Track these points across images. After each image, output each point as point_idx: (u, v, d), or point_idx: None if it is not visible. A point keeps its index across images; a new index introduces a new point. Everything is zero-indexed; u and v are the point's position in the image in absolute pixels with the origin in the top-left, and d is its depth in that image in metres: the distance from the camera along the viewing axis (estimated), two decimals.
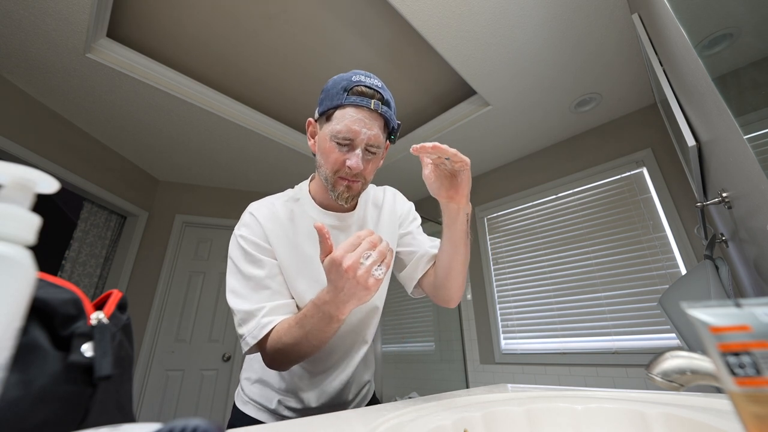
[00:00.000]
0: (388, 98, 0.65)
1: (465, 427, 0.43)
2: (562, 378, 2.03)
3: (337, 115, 0.62)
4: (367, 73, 0.65)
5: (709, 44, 0.78)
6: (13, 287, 0.19)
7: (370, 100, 0.62)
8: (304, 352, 0.58)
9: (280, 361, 0.60)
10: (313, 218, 0.71)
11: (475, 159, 2.67)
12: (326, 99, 0.64)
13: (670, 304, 1.11)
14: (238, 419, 0.72)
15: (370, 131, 0.62)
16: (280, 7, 1.57)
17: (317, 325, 0.54)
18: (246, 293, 0.63)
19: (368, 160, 0.65)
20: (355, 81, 0.62)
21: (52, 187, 0.22)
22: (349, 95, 0.62)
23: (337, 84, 0.64)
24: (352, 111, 0.61)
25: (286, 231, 0.69)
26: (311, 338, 0.56)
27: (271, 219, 0.69)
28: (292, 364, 0.62)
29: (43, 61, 1.71)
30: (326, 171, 0.65)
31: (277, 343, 0.58)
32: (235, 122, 2.18)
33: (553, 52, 1.70)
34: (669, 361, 0.38)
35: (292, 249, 0.68)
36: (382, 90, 0.64)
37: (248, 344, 0.60)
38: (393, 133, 0.67)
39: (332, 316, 0.53)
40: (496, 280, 2.53)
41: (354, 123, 0.61)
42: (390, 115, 0.64)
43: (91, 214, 2.48)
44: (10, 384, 0.22)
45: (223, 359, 2.67)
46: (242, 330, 0.61)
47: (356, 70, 0.65)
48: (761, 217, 0.56)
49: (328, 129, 0.63)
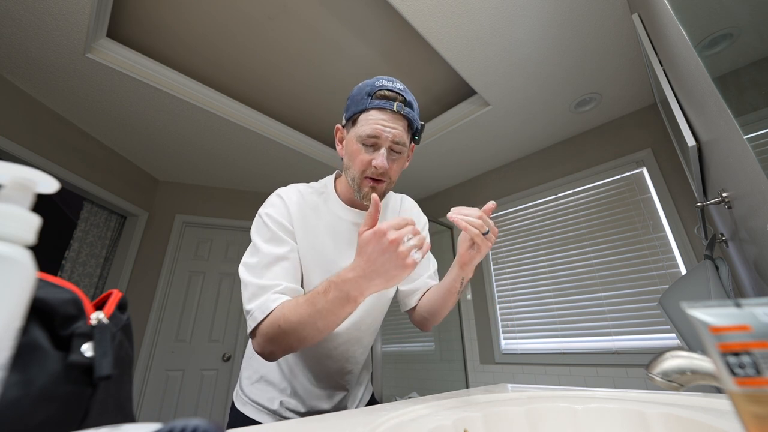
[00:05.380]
0: (411, 100, 0.68)
1: (465, 427, 0.43)
2: (562, 378, 2.03)
3: (361, 119, 0.65)
4: (389, 77, 0.68)
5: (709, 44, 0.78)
6: (13, 287, 0.19)
7: (392, 103, 0.65)
8: (306, 335, 0.55)
9: (275, 343, 0.56)
10: (337, 214, 0.73)
11: (475, 159, 2.67)
12: (352, 105, 0.68)
13: (670, 304, 1.11)
14: (237, 420, 0.71)
15: (393, 130, 0.64)
16: (280, 8, 1.57)
17: (330, 305, 0.53)
18: (260, 269, 0.62)
19: (393, 159, 0.67)
20: (378, 86, 0.66)
21: (52, 187, 0.22)
22: (372, 99, 0.65)
23: (361, 90, 0.67)
24: (375, 113, 0.64)
25: (308, 220, 0.70)
26: (318, 320, 0.53)
27: (297, 204, 0.71)
28: (286, 350, 0.58)
29: (43, 61, 1.71)
30: (354, 172, 0.67)
31: (279, 320, 0.55)
32: (235, 122, 2.18)
33: (553, 52, 1.70)
34: (669, 361, 0.38)
35: (312, 239, 0.70)
36: (404, 92, 0.67)
37: (256, 319, 0.57)
38: (417, 134, 0.70)
39: (350, 297, 0.52)
40: (496, 280, 2.53)
41: (378, 123, 0.64)
42: (413, 116, 0.67)
43: (91, 214, 2.48)
44: (11, 384, 0.22)
45: (223, 359, 2.67)
46: (251, 305, 0.59)
47: (379, 76, 0.69)
48: (761, 217, 0.56)
49: (354, 132, 0.66)
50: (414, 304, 0.81)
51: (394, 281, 0.51)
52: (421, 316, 0.80)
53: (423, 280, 0.82)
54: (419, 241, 0.51)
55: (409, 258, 0.49)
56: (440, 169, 2.80)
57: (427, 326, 0.80)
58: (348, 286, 0.52)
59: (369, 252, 0.50)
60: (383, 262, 0.49)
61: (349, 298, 0.52)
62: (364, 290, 0.52)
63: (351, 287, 0.51)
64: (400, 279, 0.51)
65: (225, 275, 2.88)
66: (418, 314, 0.81)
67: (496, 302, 2.48)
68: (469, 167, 2.79)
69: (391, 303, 0.81)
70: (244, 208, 3.04)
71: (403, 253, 0.49)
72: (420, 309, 0.80)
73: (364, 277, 0.51)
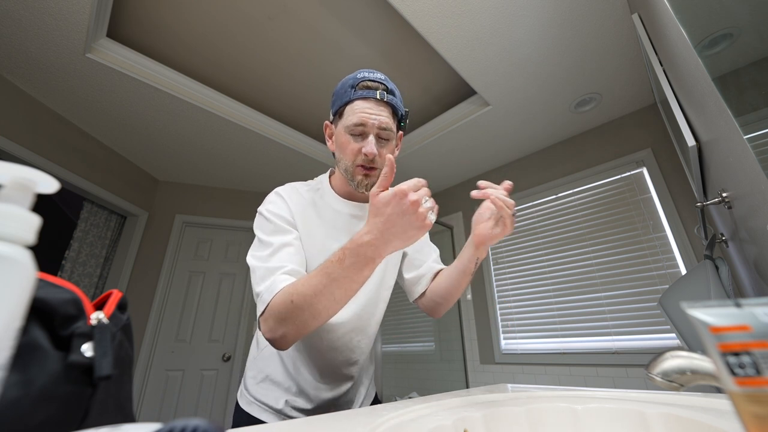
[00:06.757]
0: (392, 88, 0.70)
1: (465, 427, 0.43)
2: (562, 378, 2.03)
3: (347, 110, 0.67)
4: (370, 69, 0.71)
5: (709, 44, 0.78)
6: (13, 287, 0.19)
7: (375, 92, 0.67)
8: (322, 308, 0.53)
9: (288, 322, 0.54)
10: (334, 207, 0.74)
11: (475, 159, 2.67)
12: (337, 99, 0.70)
13: (670, 304, 1.11)
14: (242, 420, 0.71)
15: (379, 117, 0.66)
16: (280, 8, 1.57)
17: (347, 272, 0.52)
18: (267, 256, 0.62)
19: (382, 146, 0.68)
20: (360, 77, 0.68)
21: (52, 187, 0.22)
22: (356, 90, 0.67)
23: (344, 84, 0.70)
24: (360, 103, 0.66)
25: (308, 216, 0.72)
26: (336, 289, 0.52)
27: (296, 201, 0.72)
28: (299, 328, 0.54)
29: (43, 61, 1.71)
30: (346, 163, 0.68)
31: (292, 294, 0.53)
32: (235, 122, 2.18)
33: (553, 52, 1.70)
34: (669, 361, 0.38)
35: (312, 234, 0.71)
36: (386, 81, 0.69)
37: (265, 301, 0.56)
38: (402, 120, 0.73)
39: (368, 260, 0.51)
40: (496, 280, 2.53)
41: (363, 112, 0.65)
42: (396, 103, 0.69)
43: (91, 214, 2.48)
44: (10, 384, 0.22)
45: (223, 359, 2.67)
46: (260, 287, 0.58)
47: (361, 69, 0.71)
48: (761, 217, 0.56)
49: (341, 124, 0.68)
50: (423, 290, 0.81)
51: (411, 241, 0.51)
52: (433, 301, 0.79)
53: (429, 265, 0.82)
54: (433, 203, 0.52)
55: (428, 218, 0.50)
56: (440, 169, 2.80)
57: (439, 311, 0.79)
58: (364, 249, 0.51)
59: (388, 213, 0.50)
60: (403, 223, 0.49)
61: (367, 262, 0.51)
62: (382, 252, 0.51)
63: (368, 250, 0.51)
64: (417, 239, 0.51)
65: (225, 275, 2.88)
66: (428, 299, 0.80)
67: (496, 302, 2.48)
68: (469, 167, 2.79)
69: (390, 303, 0.81)
70: (244, 208, 3.04)
71: (423, 214, 0.49)
72: (431, 294, 0.79)
73: (381, 238, 0.50)
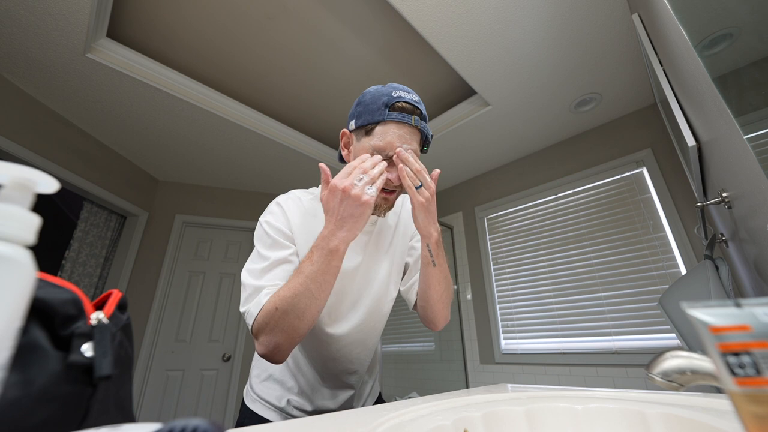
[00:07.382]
0: (425, 114, 0.69)
1: (465, 427, 0.43)
2: (562, 378, 2.03)
3: (378, 131, 0.65)
4: (405, 87, 0.67)
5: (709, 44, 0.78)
6: (13, 287, 0.19)
7: (410, 116, 0.65)
8: (304, 306, 0.55)
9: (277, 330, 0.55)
10: None
11: (475, 159, 2.67)
12: (365, 113, 0.66)
13: (670, 304, 1.11)
14: (247, 417, 0.73)
15: (411, 146, 0.65)
16: (279, 8, 1.57)
17: (317, 265, 0.57)
18: (260, 272, 0.64)
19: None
20: (396, 97, 0.65)
21: (52, 187, 0.22)
22: (390, 111, 0.64)
23: (376, 99, 0.65)
24: (394, 128, 0.64)
25: (309, 225, 0.71)
26: (311, 283, 0.56)
27: (296, 212, 0.72)
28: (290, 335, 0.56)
29: (43, 61, 1.71)
30: None
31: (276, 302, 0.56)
32: (235, 122, 2.18)
33: (553, 52, 1.70)
34: (669, 361, 0.38)
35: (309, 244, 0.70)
36: (420, 105, 0.67)
37: (252, 315, 0.58)
38: (426, 144, 0.71)
39: (332, 249, 0.57)
40: (496, 280, 2.53)
41: (397, 140, 0.64)
42: (427, 129, 0.68)
43: (91, 214, 2.47)
44: (10, 384, 0.22)
45: (223, 359, 2.67)
46: (246, 306, 0.60)
47: (393, 84, 0.68)
48: (761, 217, 0.56)
49: (368, 143, 0.65)
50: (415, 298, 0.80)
51: (362, 220, 0.58)
52: (420, 306, 0.77)
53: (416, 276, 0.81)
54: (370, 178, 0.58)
55: (365, 195, 0.57)
56: (440, 168, 2.79)
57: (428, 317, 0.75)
58: (326, 242, 0.58)
59: (331, 207, 0.58)
60: (344, 209, 0.57)
61: (331, 251, 0.57)
62: (341, 239, 0.58)
63: (329, 241, 0.57)
64: (366, 216, 0.58)
65: (225, 275, 2.88)
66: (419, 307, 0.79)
67: (496, 302, 2.48)
68: (469, 167, 2.79)
69: (393, 303, 0.81)
70: (244, 208, 3.04)
71: (357, 195, 0.57)
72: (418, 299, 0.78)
73: (335, 227, 0.58)
